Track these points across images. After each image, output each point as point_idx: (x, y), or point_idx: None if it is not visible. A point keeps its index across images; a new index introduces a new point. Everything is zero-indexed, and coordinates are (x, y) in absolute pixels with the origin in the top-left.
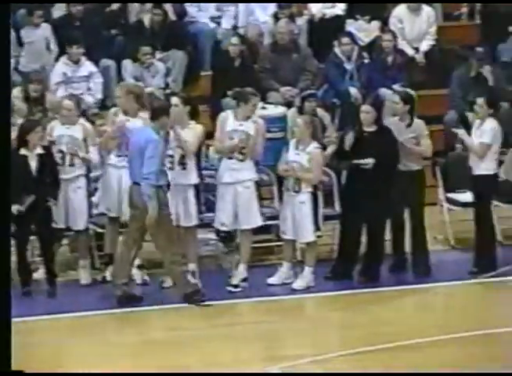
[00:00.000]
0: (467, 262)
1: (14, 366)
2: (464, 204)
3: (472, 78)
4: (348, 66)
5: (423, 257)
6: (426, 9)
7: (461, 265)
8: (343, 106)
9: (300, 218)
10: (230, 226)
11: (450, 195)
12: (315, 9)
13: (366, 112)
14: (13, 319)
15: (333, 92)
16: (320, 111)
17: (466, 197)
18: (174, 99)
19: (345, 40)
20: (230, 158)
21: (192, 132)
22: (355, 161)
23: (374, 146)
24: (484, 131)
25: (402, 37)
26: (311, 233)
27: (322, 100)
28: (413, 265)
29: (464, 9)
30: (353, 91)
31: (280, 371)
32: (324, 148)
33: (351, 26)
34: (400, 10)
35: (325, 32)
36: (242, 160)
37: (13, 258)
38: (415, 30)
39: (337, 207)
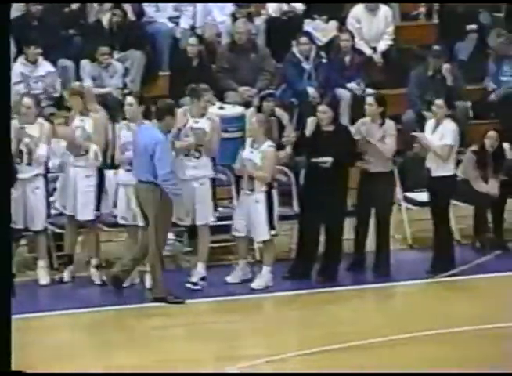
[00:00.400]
0: (425, 262)
1: None
2: (422, 204)
3: (430, 78)
4: (306, 66)
5: (385, 257)
6: (383, 9)
7: (419, 264)
8: (301, 105)
9: (255, 217)
10: (187, 222)
11: (408, 194)
12: (272, 8)
13: (323, 112)
14: None
15: (291, 91)
16: (279, 111)
17: (424, 196)
18: (129, 99)
19: (303, 39)
20: (186, 155)
21: None
22: (314, 160)
23: (332, 145)
24: (445, 133)
25: (360, 37)
26: (267, 231)
27: (280, 100)
28: (375, 265)
29: (422, 9)
30: (311, 90)
31: (239, 371)
32: (282, 147)
33: (308, 25)
34: (357, 10)
35: (283, 32)
36: (198, 158)
37: None
38: (372, 29)
39: (296, 207)
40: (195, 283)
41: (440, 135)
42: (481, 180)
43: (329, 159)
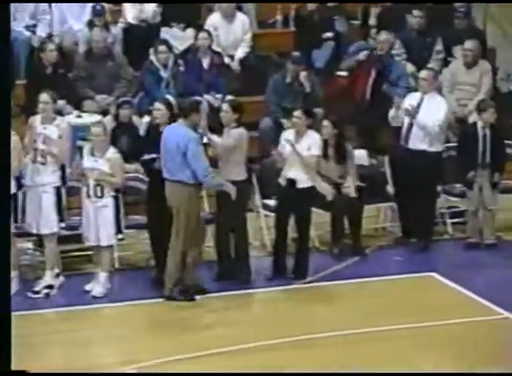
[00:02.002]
0: (284, 268)
1: None
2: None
3: (288, 85)
4: (164, 74)
5: (245, 264)
6: (240, 17)
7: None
8: None
9: (102, 223)
10: (34, 230)
11: (266, 201)
12: (131, 16)
13: (158, 109)
14: None
15: (148, 99)
16: (136, 119)
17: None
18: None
19: (161, 48)
20: (34, 162)
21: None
22: (156, 164)
23: None
24: (312, 143)
25: (218, 45)
26: (113, 236)
27: (137, 108)
28: (237, 271)
29: (279, 17)
30: (170, 99)
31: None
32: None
33: (166, 34)
34: (214, 18)
35: (140, 40)
36: (43, 164)
37: None
38: (230, 37)
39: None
40: (37, 292)
41: (306, 145)
42: (320, 179)
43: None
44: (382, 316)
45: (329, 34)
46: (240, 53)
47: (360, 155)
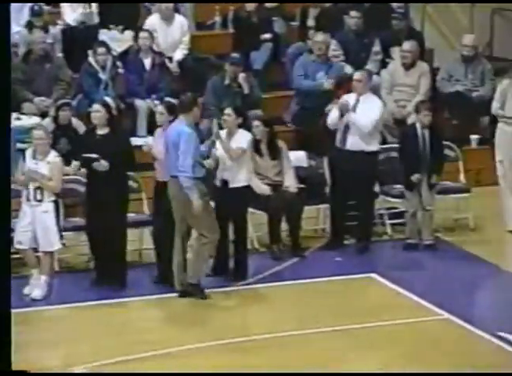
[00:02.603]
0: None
1: None
2: None
3: (226, 87)
4: (103, 76)
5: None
6: (178, 19)
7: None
8: None
9: (43, 228)
10: None
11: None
12: (69, 18)
13: (96, 111)
14: None
15: (87, 101)
16: (75, 121)
17: None
18: None
19: (100, 50)
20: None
21: None
22: (95, 165)
23: (106, 149)
24: (241, 141)
25: (156, 47)
26: (57, 241)
27: (76, 110)
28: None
29: (217, 18)
30: (108, 100)
31: None
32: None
33: (104, 35)
34: (153, 20)
35: (79, 41)
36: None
37: None
38: (168, 39)
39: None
40: None
41: (237, 142)
42: (256, 179)
43: (104, 163)
44: (321, 318)
45: (267, 36)
46: (179, 55)
47: (299, 156)
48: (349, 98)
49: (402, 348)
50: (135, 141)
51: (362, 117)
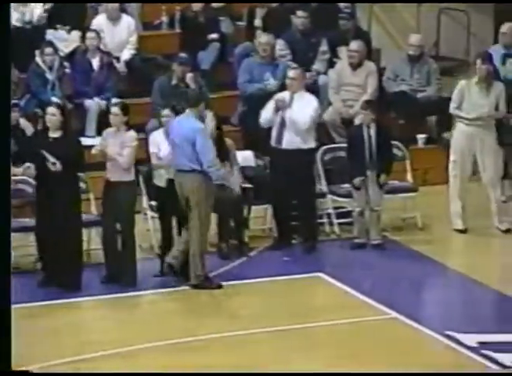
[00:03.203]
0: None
1: None
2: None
3: (174, 86)
4: (50, 76)
5: (132, 267)
6: (125, 19)
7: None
8: (46, 116)
9: None
10: None
11: (153, 203)
12: (15, 19)
13: (52, 114)
14: None
15: (35, 101)
16: (23, 121)
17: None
18: None
19: (47, 50)
20: None
21: None
22: (50, 166)
23: (59, 151)
24: None
25: (104, 47)
26: None
27: (24, 110)
28: (122, 275)
29: (164, 18)
30: (55, 101)
31: None
32: None
33: (51, 36)
34: (99, 20)
35: (26, 42)
36: None
37: None
38: (115, 39)
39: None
40: None
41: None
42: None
43: (58, 166)
44: (268, 317)
45: (214, 36)
46: (126, 55)
47: (247, 156)
48: (284, 96)
49: (349, 347)
50: (84, 141)
51: (298, 113)
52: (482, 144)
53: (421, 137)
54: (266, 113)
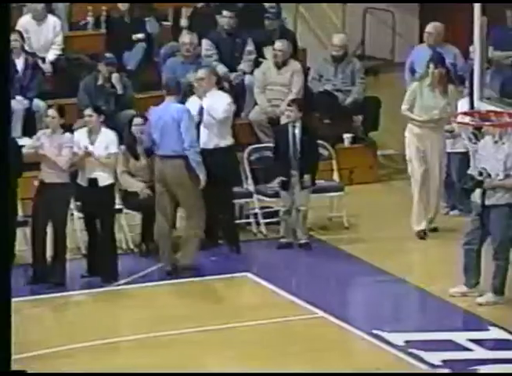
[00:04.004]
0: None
1: None
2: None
3: (99, 87)
4: None
5: (62, 267)
6: (51, 19)
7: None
8: None
9: None
10: None
11: (79, 203)
12: None
13: None
14: None
15: None
16: None
17: None
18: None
19: None
20: None
21: None
22: None
23: None
24: (108, 142)
25: (29, 47)
26: None
27: None
28: (51, 275)
29: (90, 18)
30: None
31: None
32: None
33: None
34: (25, 20)
35: None
36: None
37: None
38: (41, 39)
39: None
40: None
41: (104, 144)
42: (127, 176)
43: None
44: (193, 317)
45: (140, 36)
46: (51, 55)
47: None
48: (195, 101)
49: (277, 346)
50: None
51: (211, 107)
52: (431, 146)
53: (347, 136)
54: None
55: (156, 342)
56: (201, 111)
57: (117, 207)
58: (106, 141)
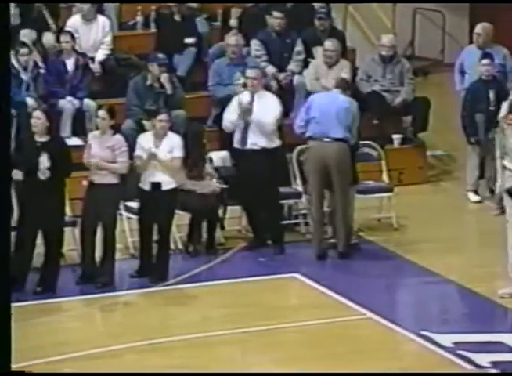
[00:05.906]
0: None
1: None
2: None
3: (148, 87)
4: (25, 77)
5: (110, 266)
6: (100, 19)
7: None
8: (20, 116)
9: None
10: None
11: (128, 203)
12: None
13: (37, 118)
14: None
15: (11, 102)
16: None
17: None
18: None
19: (22, 50)
20: None
21: None
22: (40, 173)
23: (47, 155)
24: (173, 146)
25: (79, 48)
26: None
27: None
28: (100, 275)
29: (139, 18)
30: (30, 101)
31: None
32: None
33: (25, 36)
34: (74, 21)
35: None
36: None
37: None
38: (90, 39)
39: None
40: None
41: (167, 148)
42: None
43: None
44: (240, 318)
45: (190, 40)
46: (101, 55)
47: (223, 156)
48: (244, 96)
49: (324, 347)
50: (69, 142)
51: (262, 115)
52: None
53: (397, 137)
54: (229, 116)
55: (203, 343)
56: (250, 110)
57: None
58: (171, 145)
